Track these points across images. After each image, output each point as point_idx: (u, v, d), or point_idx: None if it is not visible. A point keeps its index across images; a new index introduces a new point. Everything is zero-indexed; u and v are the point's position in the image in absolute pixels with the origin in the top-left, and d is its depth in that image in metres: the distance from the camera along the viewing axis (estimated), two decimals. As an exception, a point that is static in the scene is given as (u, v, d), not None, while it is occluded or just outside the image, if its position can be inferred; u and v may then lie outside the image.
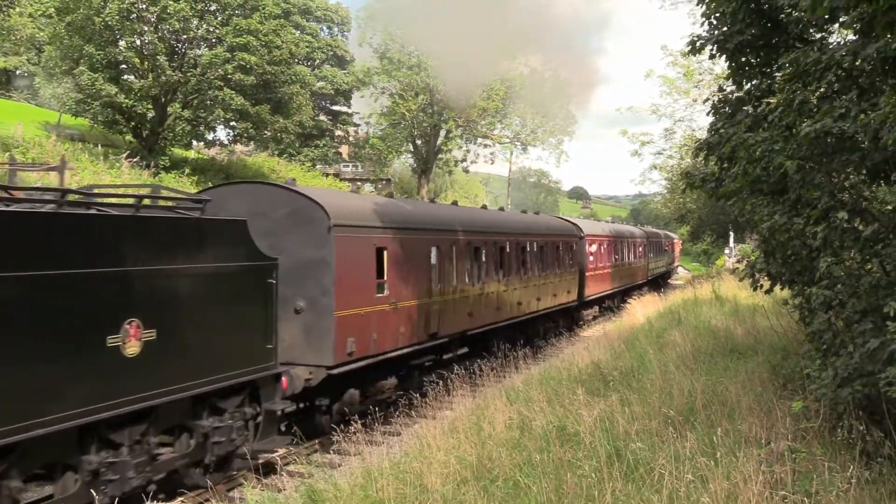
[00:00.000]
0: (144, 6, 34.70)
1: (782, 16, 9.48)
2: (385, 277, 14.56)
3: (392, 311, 14.71)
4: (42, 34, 38.19)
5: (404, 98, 51.52)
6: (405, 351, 15.45)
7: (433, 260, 16.85)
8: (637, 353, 15.17)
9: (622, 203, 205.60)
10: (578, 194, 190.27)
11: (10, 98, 57.30)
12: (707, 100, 11.69)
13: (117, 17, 33.49)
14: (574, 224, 30.42)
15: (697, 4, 10.55)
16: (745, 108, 10.39)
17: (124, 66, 37.44)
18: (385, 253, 14.59)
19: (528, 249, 23.41)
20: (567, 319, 29.21)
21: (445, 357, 18.13)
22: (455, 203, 24.87)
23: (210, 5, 36.78)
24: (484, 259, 19.71)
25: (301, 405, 13.84)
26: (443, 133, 54.49)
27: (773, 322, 14.91)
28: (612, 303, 36.87)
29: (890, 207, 8.92)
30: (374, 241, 14.28)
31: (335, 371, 12.94)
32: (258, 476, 11.79)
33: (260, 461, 11.77)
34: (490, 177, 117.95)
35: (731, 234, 51.54)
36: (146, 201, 10.21)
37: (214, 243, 10.70)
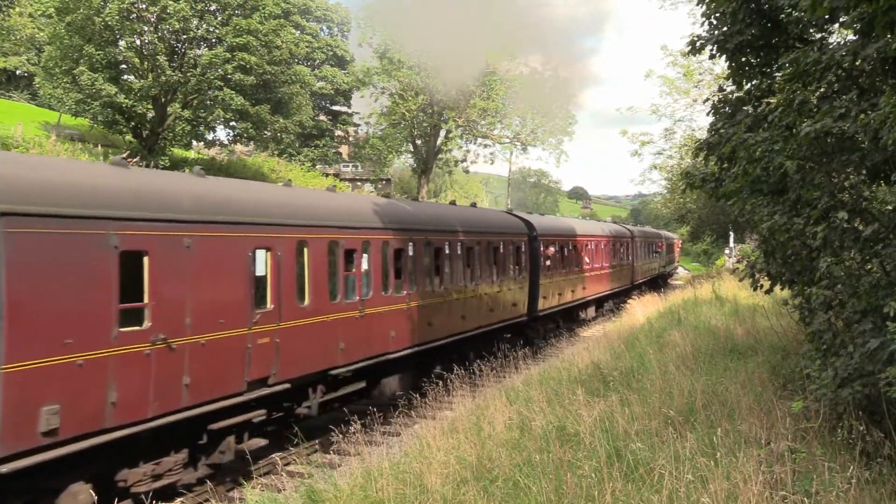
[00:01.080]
0: (144, 6, 34.72)
1: (782, 16, 9.47)
2: (146, 300, 9.50)
3: (159, 351, 9.58)
4: (42, 34, 38.28)
5: (404, 98, 51.55)
6: (198, 411, 10.25)
7: (259, 269, 11.60)
8: (637, 353, 15.17)
9: (622, 203, 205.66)
10: (578, 194, 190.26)
11: (10, 98, 57.30)
12: (707, 100, 11.69)
13: (117, 17, 33.51)
14: (523, 220, 24.23)
15: (697, 4, 10.56)
16: (745, 108, 10.40)
17: (124, 66, 37.48)
18: (146, 260, 9.53)
19: (449, 252, 17.86)
20: (516, 339, 22.97)
21: (304, 406, 13.28)
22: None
23: (210, 5, 36.82)
24: (368, 266, 14.49)
25: None
26: (443, 133, 54.49)
27: (773, 322, 14.91)
28: (583, 314, 31.65)
29: (890, 207, 8.92)
30: (117, 242, 9.08)
31: (5, 468, 7.77)
32: (258, 476, 11.80)
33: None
34: (490, 177, 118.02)
35: (731, 234, 51.57)
36: None
37: None
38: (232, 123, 41.14)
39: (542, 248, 24.46)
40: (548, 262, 24.93)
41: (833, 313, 8.38)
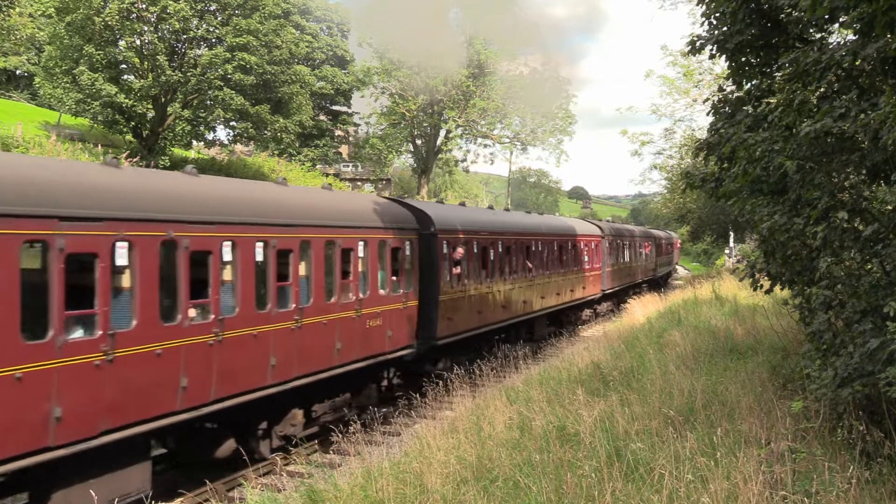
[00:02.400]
0: (144, 6, 34.71)
1: (782, 16, 9.48)
2: None
3: None
4: (42, 34, 38.23)
5: (404, 98, 51.61)
6: None
7: None
8: (637, 353, 15.17)
9: (622, 203, 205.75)
10: (578, 194, 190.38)
11: (10, 98, 57.30)
12: (707, 100, 11.69)
13: (117, 17, 33.50)
14: (414, 210, 17.25)
15: (697, 4, 10.56)
16: (745, 108, 10.40)
17: (124, 66, 37.47)
18: None
19: (234, 259, 11.03)
20: (405, 379, 17.12)
21: None
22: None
23: (210, 5, 36.80)
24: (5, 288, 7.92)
25: None
26: (443, 133, 54.58)
27: (773, 322, 14.91)
28: (522, 333, 23.63)
29: (890, 207, 8.92)
30: None
31: None
32: (258, 476, 11.80)
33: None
34: (490, 177, 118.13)
35: (731, 234, 51.61)
36: None
37: None
38: (232, 123, 41.10)
39: (446, 250, 17.48)
40: (457, 269, 17.98)
41: (833, 313, 8.38)
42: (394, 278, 15.58)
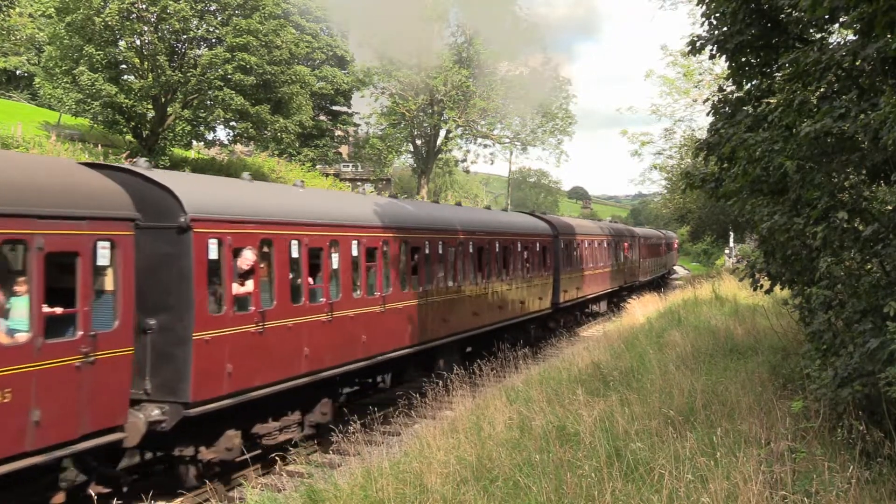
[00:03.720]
0: (144, 6, 34.71)
1: (782, 16, 9.48)
2: None
3: None
4: (42, 34, 38.23)
5: (404, 98, 51.66)
6: None
7: None
8: (637, 353, 15.17)
9: (622, 203, 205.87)
10: (578, 194, 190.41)
11: (10, 98, 57.32)
12: (707, 100, 11.69)
13: (117, 17, 33.51)
14: (137, 184, 10.02)
15: (697, 4, 10.56)
16: (745, 108, 10.39)
17: (124, 66, 37.48)
18: None
19: None
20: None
21: None
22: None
23: (210, 5, 36.81)
24: None
25: None
26: (443, 133, 54.64)
27: (773, 322, 14.90)
28: (409, 370, 17.19)
29: (890, 207, 8.92)
30: None
31: None
32: (258, 476, 11.80)
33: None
34: (490, 177, 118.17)
35: (731, 234, 51.60)
36: None
37: None
38: (232, 123, 41.10)
39: (216, 254, 10.51)
40: (245, 286, 11.11)
41: (833, 313, 8.38)
42: (56, 309, 8.52)
